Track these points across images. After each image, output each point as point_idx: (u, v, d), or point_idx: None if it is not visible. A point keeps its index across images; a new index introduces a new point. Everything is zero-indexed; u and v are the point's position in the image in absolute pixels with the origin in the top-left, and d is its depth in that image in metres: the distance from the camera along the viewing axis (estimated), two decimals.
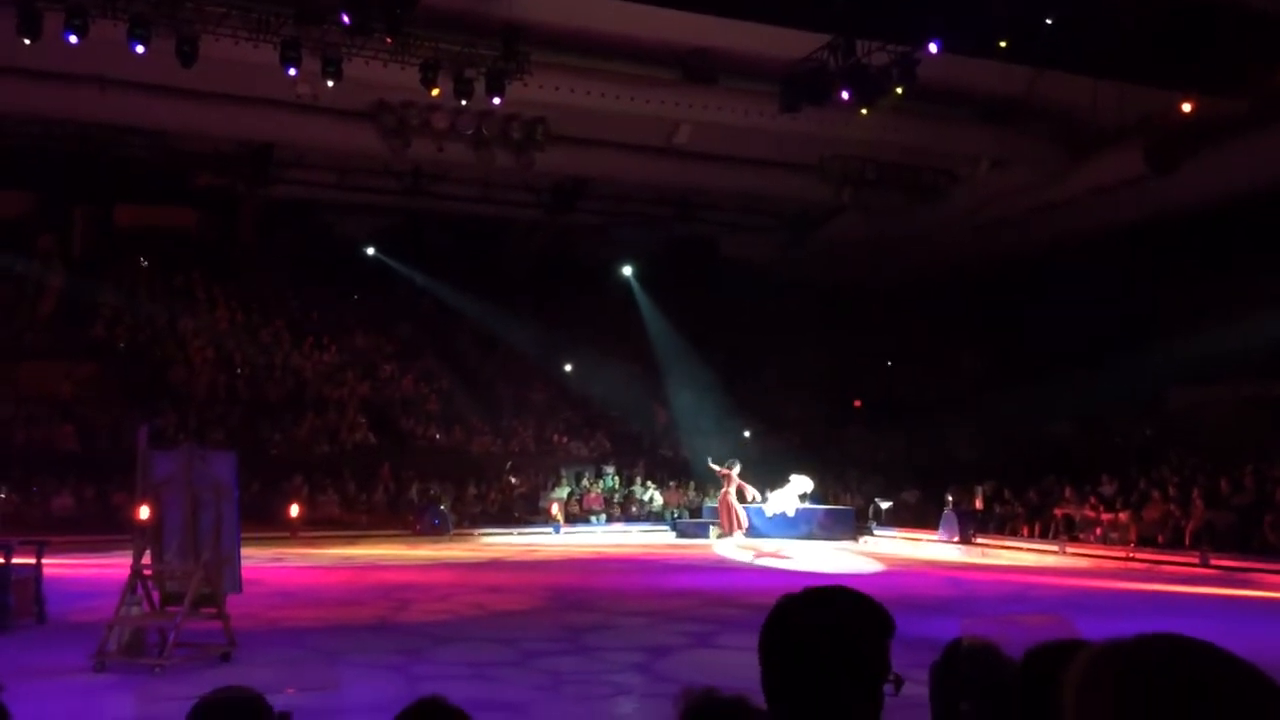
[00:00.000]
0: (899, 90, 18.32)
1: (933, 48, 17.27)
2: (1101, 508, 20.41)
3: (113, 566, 13.64)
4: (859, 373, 30.03)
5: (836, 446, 27.44)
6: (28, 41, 16.24)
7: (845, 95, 18.43)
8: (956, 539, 20.81)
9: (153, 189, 26.16)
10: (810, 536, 22.07)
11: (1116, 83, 18.90)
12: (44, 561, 11.12)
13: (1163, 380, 24.26)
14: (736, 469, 21.77)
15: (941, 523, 21.39)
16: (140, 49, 16.60)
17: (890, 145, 22.87)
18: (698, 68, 20.77)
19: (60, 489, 20.04)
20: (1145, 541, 18.97)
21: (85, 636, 9.07)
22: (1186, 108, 19.45)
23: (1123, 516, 19.83)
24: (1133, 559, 18.32)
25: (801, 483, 22.46)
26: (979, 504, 22.58)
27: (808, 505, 22.80)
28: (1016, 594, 14.25)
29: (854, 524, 23.00)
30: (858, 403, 29.56)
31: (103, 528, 18.87)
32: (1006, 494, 22.73)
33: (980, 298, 28.35)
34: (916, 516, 23.35)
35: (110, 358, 24.35)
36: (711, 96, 21.22)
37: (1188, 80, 18.75)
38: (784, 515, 22.35)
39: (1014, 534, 21.42)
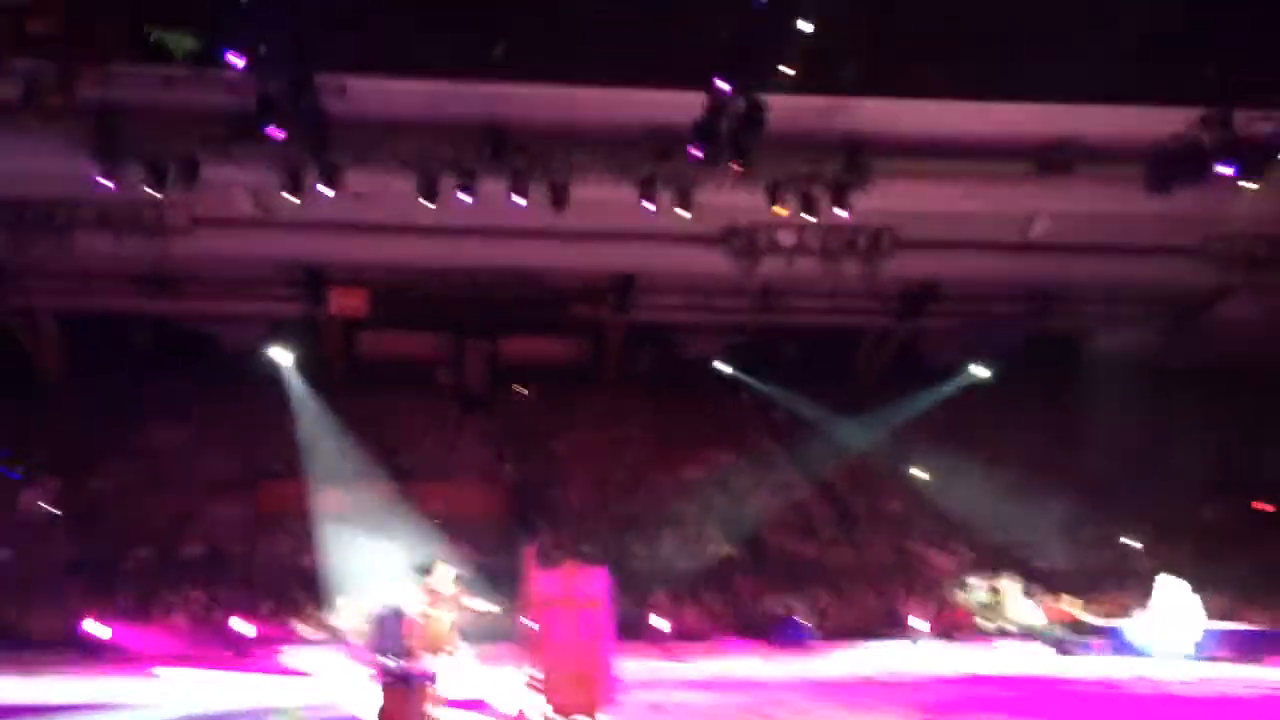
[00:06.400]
0: None
1: None
2: None
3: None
4: (1265, 468, 26.59)
5: (1245, 555, 24.24)
6: (430, 205, 18.80)
7: (1227, 170, 16.86)
8: None
9: (532, 322, 28.84)
10: (1219, 659, 19.49)
11: None
12: None
13: None
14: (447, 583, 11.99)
15: None
16: (522, 201, 18.68)
17: None
18: (1052, 158, 19.91)
19: None
20: None
21: None
22: None
23: None
24: None
25: (1172, 589, 19.94)
26: None
27: (1213, 624, 20.18)
28: None
29: None
30: (1270, 507, 26.05)
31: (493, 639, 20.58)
32: None
33: None
34: None
35: (500, 480, 26.75)
36: (1068, 185, 20.20)
37: None
38: (1184, 633, 19.95)
39: None
